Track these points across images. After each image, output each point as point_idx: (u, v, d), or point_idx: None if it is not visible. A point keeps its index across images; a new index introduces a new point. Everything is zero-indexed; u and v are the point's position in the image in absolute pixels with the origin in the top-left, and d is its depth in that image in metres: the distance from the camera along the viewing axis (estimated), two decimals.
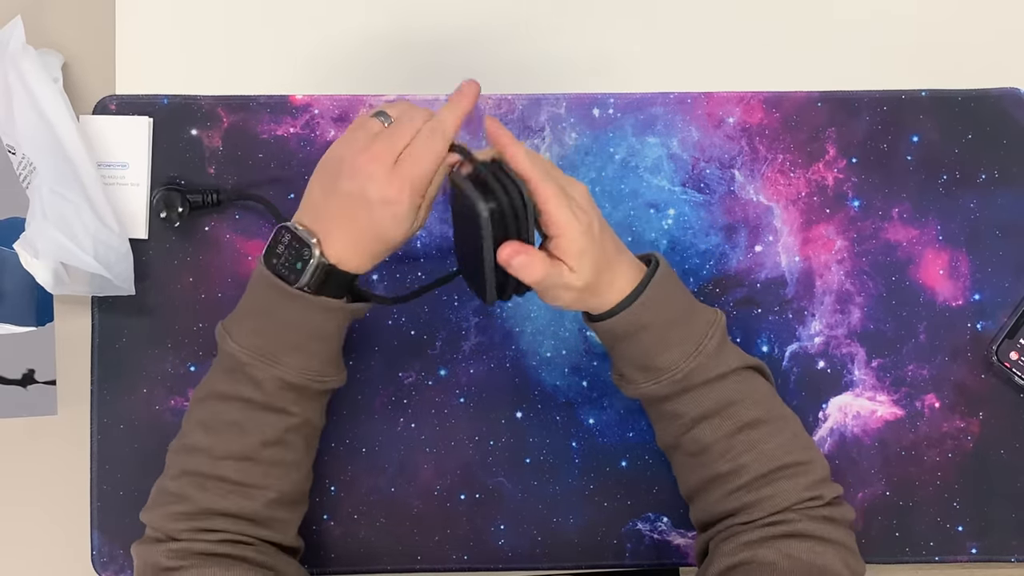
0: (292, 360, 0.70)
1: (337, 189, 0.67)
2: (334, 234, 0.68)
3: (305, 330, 0.70)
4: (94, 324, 0.85)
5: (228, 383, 0.71)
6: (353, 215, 0.67)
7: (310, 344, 0.70)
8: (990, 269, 0.85)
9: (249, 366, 0.70)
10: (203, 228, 0.85)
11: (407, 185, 0.66)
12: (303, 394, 0.72)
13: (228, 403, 0.71)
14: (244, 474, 0.71)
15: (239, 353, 0.70)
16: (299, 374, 0.70)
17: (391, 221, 0.67)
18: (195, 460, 0.71)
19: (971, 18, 0.88)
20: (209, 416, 0.72)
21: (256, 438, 0.71)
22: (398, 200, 0.66)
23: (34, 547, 0.86)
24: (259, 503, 0.71)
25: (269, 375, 0.70)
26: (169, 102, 0.86)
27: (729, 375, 0.72)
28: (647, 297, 0.70)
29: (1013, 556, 0.84)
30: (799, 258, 0.85)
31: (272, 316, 0.70)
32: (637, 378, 0.73)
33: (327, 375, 0.72)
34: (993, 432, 0.84)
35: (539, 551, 0.84)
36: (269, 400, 0.70)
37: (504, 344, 0.85)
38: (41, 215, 0.78)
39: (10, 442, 0.86)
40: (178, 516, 0.70)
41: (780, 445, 0.71)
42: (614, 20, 0.88)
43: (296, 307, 0.69)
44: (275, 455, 0.72)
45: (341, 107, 0.86)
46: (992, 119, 0.86)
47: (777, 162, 0.86)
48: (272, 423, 0.71)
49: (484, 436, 0.85)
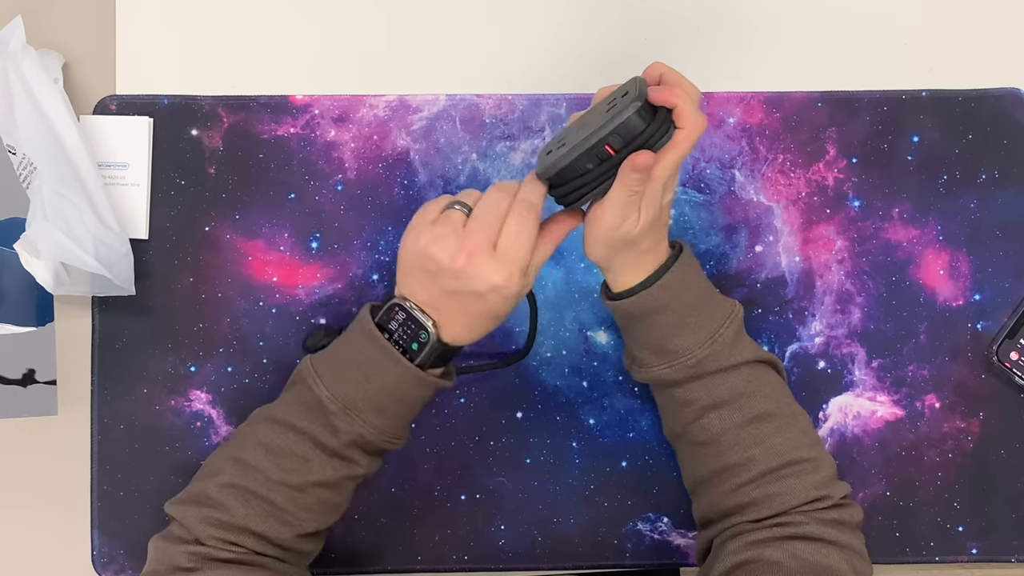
0: (375, 419, 0.71)
1: (442, 289, 0.68)
2: (449, 320, 0.69)
3: (397, 395, 0.71)
4: (94, 324, 0.85)
5: (305, 420, 0.71)
6: (465, 307, 0.68)
7: (396, 408, 0.72)
8: (990, 269, 0.85)
9: (333, 415, 0.70)
10: (203, 228, 0.85)
11: (514, 269, 0.67)
12: (372, 450, 0.73)
13: (300, 437, 0.71)
14: (292, 503, 0.71)
15: (327, 401, 0.71)
16: (378, 433, 0.71)
17: (504, 304, 0.68)
18: (249, 477, 0.71)
19: (971, 18, 0.88)
20: (275, 441, 0.71)
21: (317, 476, 0.71)
22: (507, 286, 0.67)
23: (34, 547, 0.86)
24: (293, 532, 0.71)
25: (349, 428, 0.71)
26: (169, 102, 0.86)
27: (742, 366, 0.72)
28: (668, 279, 0.71)
29: (1013, 556, 0.84)
30: (799, 258, 0.85)
31: (370, 375, 0.70)
32: (650, 361, 0.73)
33: (401, 437, 0.74)
34: (993, 432, 0.84)
35: (539, 551, 0.84)
36: (340, 449, 0.71)
37: (504, 344, 0.85)
38: (42, 215, 0.78)
39: (10, 442, 0.86)
40: (213, 522, 0.70)
41: (789, 440, 0.71)
42: (614, 20, 0.88)
43: (398, 374, 0.70)
44: (326, 495, 0.72)
45: (341, 107, 0.86)
46: (992, 119, 0.86)
47: (777, 162, 0.86)
48: (336, 468, 0.72)
49: (484, 436, 0.85)
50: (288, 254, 0.85)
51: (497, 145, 0.86)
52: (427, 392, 0.72)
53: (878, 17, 0.88)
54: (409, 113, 0.86)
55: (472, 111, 0.86)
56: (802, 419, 0.74)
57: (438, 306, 0.69)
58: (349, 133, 0.86)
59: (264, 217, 0.85)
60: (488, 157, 0.86)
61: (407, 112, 0.86)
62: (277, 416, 0.73)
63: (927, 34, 0.88)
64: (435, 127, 0.86)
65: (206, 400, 0.84)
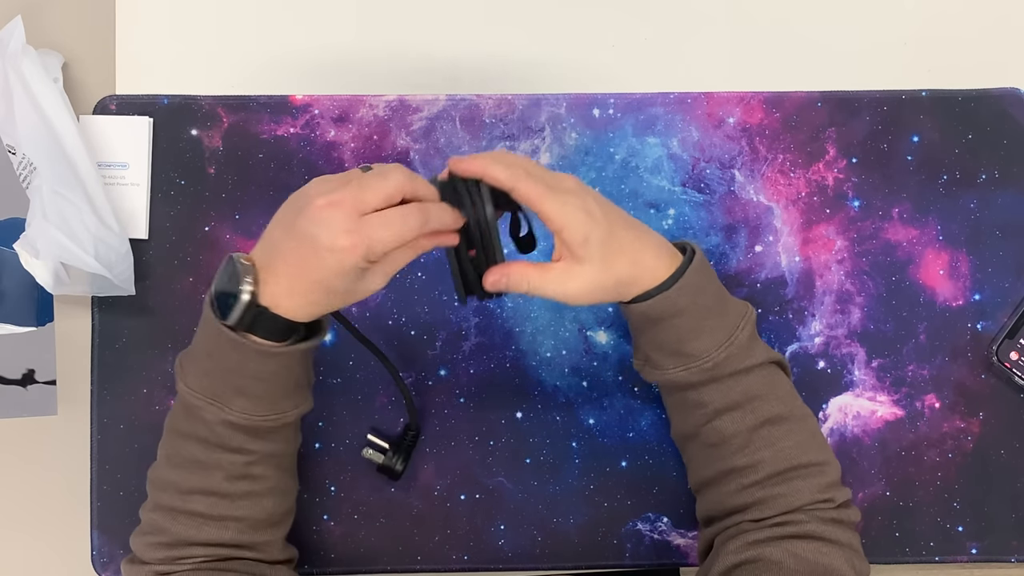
0: (239, 403, 0.68)
1: (293, 227, 0.64)
2: (278, 274, 0.65)
3: (246, 373, 0.67)
4: (94, 324, 0.85)
5: (184, 421, 0.70)
6: (300, 257, 0.64)
7: (254, 387, 0.68)
8: (990, 269, 0.85)
9: (198, 408, 0.68)
10: (203, 228, 0.85)
11: (363, 243, 0.63)
12: (256, 433, 0.70)
13: (186, 440, 0.70)
14: (214, 508, 0.70)
15: (188, 395, 0.69)
16: (247, 417, 0.68)
17: (334, 270, 0.64)
18: (165, 495, 0.71)
19: (971, 18, 0.88)
20: (172, 450, 0.71)
21: (218, 475, 0.70)
22: (347, 253, 0.63)
23: (34, 547, 0.86)
24: (234, 532, 0.70)
25: (217, 418, 0.68)
26: (169, 102, 0.86)
27: (756, 368, 0.72)
28: (685, 282, 0.69)
29: (1013, 556, 0.84)
30: (799, 258, 0.85)
31: (214, 357, 0.67)
32: (665, 363, 0.72)
33: (279, 412, 0.70)
34: (993, 432, 0.84)
35: (539, 551, 0.84)
36: (223, 441, 0.69)
37: (504, 344, 0.85)
38: (41, 215, 0.78)
39: (10, 442, 0.86)
40: (156, 546, 0.70)
41: (798, 443, 0.71)
42: (614, 20, 0.88)
43: (231, 348, 0.66)
44: (243, 487, 0.71)
45: (341, 107, 0.86)
46: (992, 119, 0.86)
47: (777, 162, 0.86)
48: (231, 460, 0.70)
49: (484, 436, 0.85)
50: None
51: (497, 145, 0.86)
52: (276, 365, 0.67)
53: (878, 17, 0.88)
54: (409, 113, 0.86)
55: (472, 111, 0.86)
56: (811, 421, 0.74)
57: (274, 258, 0.65)
58: (349, 133, 0.86)
59: (264, 217, 0.85)
60: None
61: (407, 112, 0.86)
62: (169, 424, 0.72)
63: (927, 34, 0.88)
64: (435, 127, 0.86)
65: None
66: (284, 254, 0.65)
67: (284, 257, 0.65)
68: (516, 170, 0.66)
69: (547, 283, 0.68)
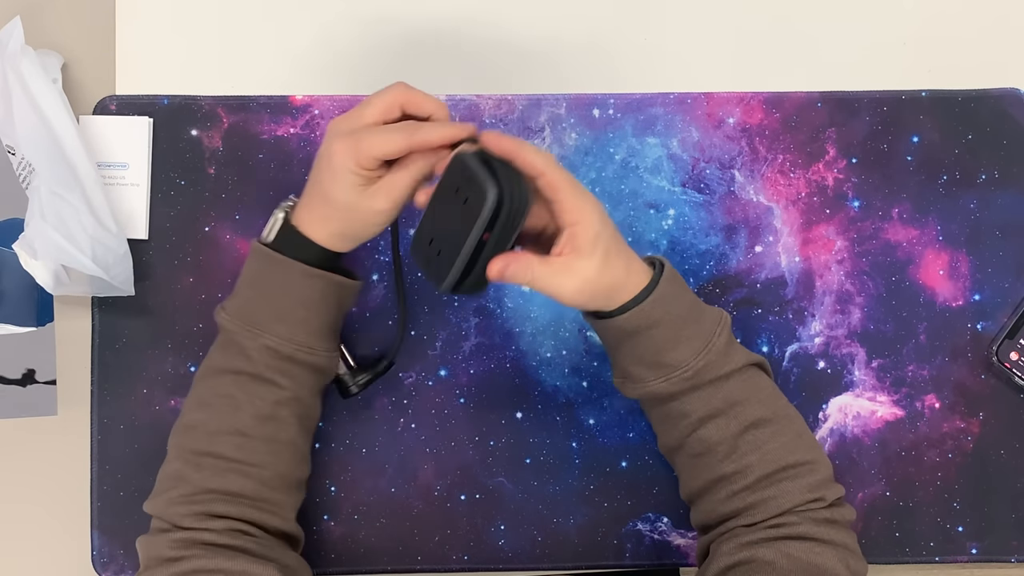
0: (278, 328, 0.72)
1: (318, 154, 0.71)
2: (303, 199, 0.72)
3: (290, 297, 0.72)
4: (94, 324, 0.85)
5: (221, 356, 0.73)
6: (314, 175, 0.71)
7: (296, 311, 0.72)
8: (990, 269, 0.85)
9: (238, 335, 0.72)
10: (203, 228, 0.85)
11: (352, 143, 0.67)
12: (292, 364, 0.73)
13: (222, 376, 0.73)
14: (239, 450, 0.71)
15: (228, 323, 0.73)
16: (285, 343, 0.72)
17: (327, 175, 0.69)
18: (191, 437, 0.72)
19: (971, 18, 0.88)
20: (205, 392, 0.73)
21: (248, 411, 0.72)
22: (338, 155, 0.68)
23: (34, 547, 0.86)
24: (256, 481, 0.72)
25: (256, 344, 0.72)
26: (169, 102, 0.86)
27: (735, 373, 0.72)
28: (659, 293, 0.70)
29: (1013, 556, 0.84)
30: (799, 258, 0.85)
31: (259, 284, 0.72)
32: (645, 376, 0.72)
33: (315, 347, 0.74)
34: (993, 432, 0.84)
35: (539, 551, 0.84)
36: (258, 371, 0.72)
37: (504, 344, 0.85)
38: (40, 216, 0.78)
39: (10, 442, 0.86)
40: (178, 500, 0.70)
41: (784, 445, 0.71)
42: (614, 20, 0.88)
43: (276, 271, 0.71)
44: (268, 431, 0.72)
45: (341, 107, 0.86)
46: (992, 119, 0.86)
47: (777, 162, 0.86)
48: (263, 395, 0.72)
49: (484, 436, 0.85)
50: None
51: None
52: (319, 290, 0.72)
53: (878, 17, 0.88)
54: None
55: (472, 111, 0.86)
56: (797, 421, 0.74)
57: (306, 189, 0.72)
58: None
59: (264, 217, 0.85)
60: None
61: None
62: (203, 369, 0.75)
63: (927, 34, 0.88)
64: None
65: None
66: (309, 183, 0.72)
67: (308, 185, 0.72)
68: (549, 157, 0.67)
69: (548, 275, 0.68)
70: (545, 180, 0.66)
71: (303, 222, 0.72)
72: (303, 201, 0.72)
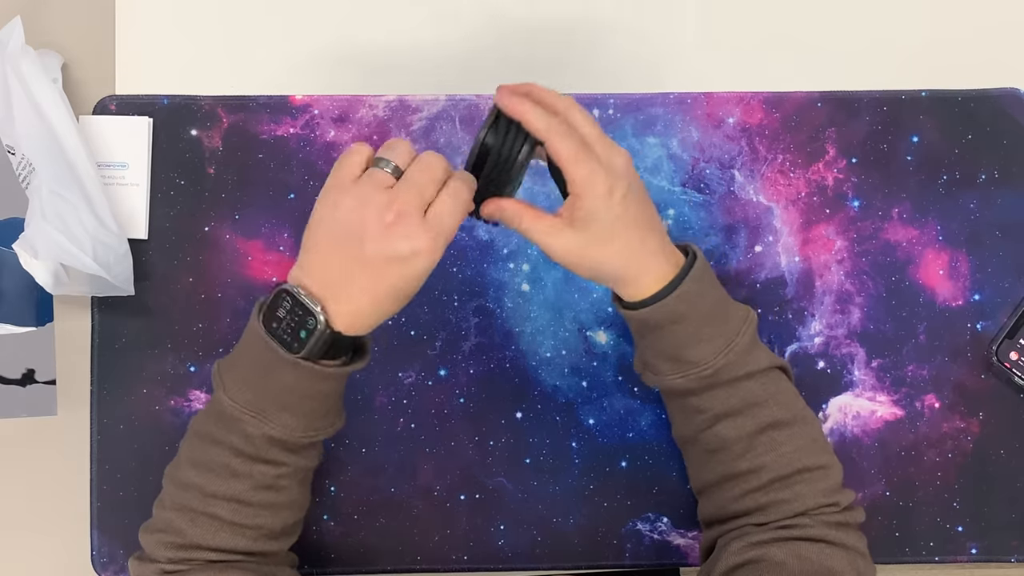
0: (283, 419, 0.68)
1: (356, 257, 0.64)
2: (348, 297, 0.65)
3: (299, 393, 0.68)
4: (94, 324, 0.85)
5: (219, 430, 0.70)
6: (379, 275, 0.64)
7: (302, 404, 0.68)
8: (990, 269, 0.85)
9: (239, 421, 0.68)
10: (203, 228, 0.85)
11: (441, 237, 0.64)
12: (294, 448, 0.70)
13: (219, 447, 0.70)
14: (235, 514, 0.70)
15: (230, 407, 0.68)
16: (289, 432, 0.69)
17: (419, 276, 0.64)
18: (187, 495, 0.70)
19: (971, 18, 0.88)
20: (200, 455, 0.71)
21: (247, 483, 0.70)
22: (431, 252, 0.64)
23: (34, 547, 0.86)
24: (249, 540, 0.70)
25: (259, 432, 0.68)
26: (169, 102, 0.86)
27: (756, 374, 0.71)
28: (684, 290, 0.68)
29: (1013, 556, 0.84)
30: (799, 258, 0.85)
31: (267, 376, 0.67)
32: (664, 369, 0.72)
33: (319, 428, 0.71)
34: (993, 432, 0.84)
35: (539, 551, 0.84)
36: (259, 453, 0.69)
37: (504, 344, 0.85)
38: (40, 216, 0.78)
39: (10, 442, 0.86)
40: (167, 545, 0.70)
41: (801, 448, 0.71)
42: (614, 20, 0.88)
43: (294, 374, 0.66)
44: (267, 498, 0.71)
45: (341, 107, 0.86)
46: (992, 119, 0.86)
47: (777, 162, 0.86)
48: (263, 471, 0.70)
49: (484, 436, 0.85)
50: (288, 254, 0.85)
51: None
52: (331, 384, 0.68)
53: (878, 17, 0.88)
54: (409, 113, 0.86)
55: (472, 111, 0.86)
56: (813, 425, 0.73)
57: (340, 283, 0.65)
58: (349, 133, 0.86)
59: (264, 217, 0.85)
60: None
61: (407, 112, 0.86)
62: (198, 429, 0.72)
63: (927, 34, 0.88)
64: (435, 127, 0.86)
65: (206, 400, 0.84)
66: (355, 278, 0.64)
67: (354, 281, 0.64)
68: (553, 123, 0.66)
69: (535, 231, 0.68)
70: (550, 147, 0.66)
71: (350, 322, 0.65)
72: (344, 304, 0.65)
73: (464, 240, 0.85)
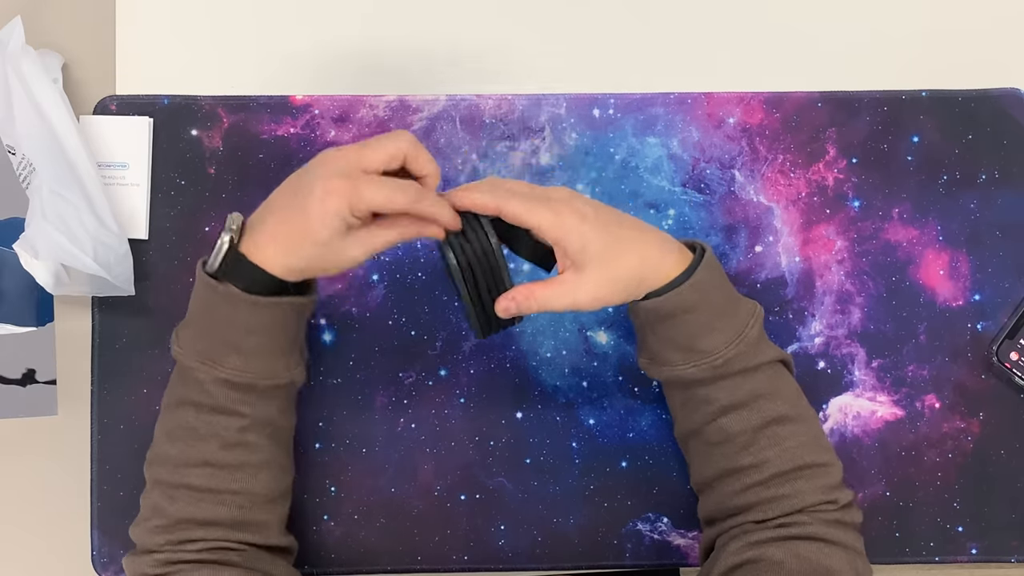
0: (233, 360, 0.69)
1: (296, 183, 0.67)
2: (265, 223, 0.67)
3: (240, 328, 0.68)
4: (94, 324, 0.85)
5: (180, 387, 0.71)
6: (291, 204, 0.67)
7: (247, 341, 0.69)
8: (990, 269, 0.85)
9: (192, 370, 0.70)
10: (203, 228, 0.85)
11: (352, 190, 0.65)
12: (250, 393, 0.71)
13: (183, 408, 0.71)
14: (210, 479, 0.70)
15: (181, 356, 0.70)
16: (241, 373, 0.69)
17: (318, 213, 0.65)
18: (163, 470, 0.71)
19: (971, 18, 0.88)
20: (169, 424, 0.72)
21: (214, 443, 0.70)
22: (335, 194, 0.64)
23: (34, 547, 0.86)
24: (232, 507, 0.71)
25: (211, 377, 0.69)
26: (169, 102, 0.86)
27: (763, 367, 0.72)
28: (697, 278, 0.70)
29: (1013, 556, 0.84)
30: (799, 258, 0.85)
31: (207, 315, 0.69)
32: (674, 359, 0.72)
33: (273, 374, 0.71)
34: (993, 432, 0.84)
35: (539, 551, 0.84)
36: (217, 403, 0.70)
37: (504, 344, 0.85)
38: (41, 216, 0.78)
39: (10, 442, 0.86)
40: (156, 530, 0.70)
41: (803, 444, 0.71)
42: (614, 20, 0.88)
43: (224, 302, 0.68)
44: (238, 457, 0.71)
45: (341, 107, 0.86)
46: (992, 119, 0.86)
47: (777, 162, 0.86)
48: (225, 425, 0.70)
49: (484, 436, 0.85)
50: None
51: (497, 145, 0.86)
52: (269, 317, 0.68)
53: (878, 17, 0.88)
54: (409, 113, 0.86)
55: (472, 111, 0.86)
56: (815, 422, 0.74)
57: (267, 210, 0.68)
58: (349, 133, 0.86)
59: None
60: (488, 157, 0.86)
61: (407, 112, 0.86)
62: (166, 400, 0.73)
63: (927, 34, 0.88)
64: (435, 127, 0.86)
65: None
66: (278, 207, 0.67)
67: (277, 209, 0.67)
68: (499, 191, 0.68)
69: (555, 297, 0.69)
70: (505, 214, 0.68)
71: (257, 249, 0.67)
72: (262, 226, 0.67)
73: None
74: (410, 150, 0.67)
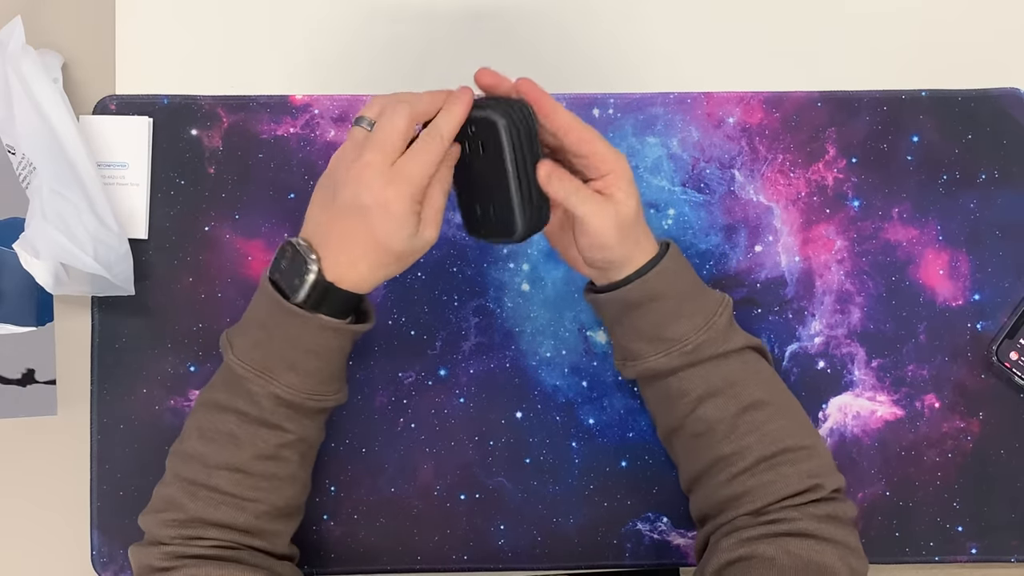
0: (288, 377, 0.70)
1: (335, 203, 0.67)
2: (335, 251, 0.67)
3: (302, 348, 0.69)
4: (94, 324, 0.85)
5: (226, 394, 0.71)
6: (350, 227, 0.66)
7: (307, 362, 0.70)
8: (990, 269, 0.85)
9: (246, 380, 0.70)
10: (203, 228, 0.85)
11: (404, 184, 0.65)
12: (298, 411, 0.71)
13: (225, 414, 0.71)
14: (236, 486, 0.70)
15: (236, 366, 0.70)
16: (295, 392, 0.70)
17: (388, 225, 0.66)
18: (189, 467, 0.71)
19: (971, 18, 0.88)
20: (206, 424, 0.72)
21: (249, 452, 0.70)
22: (395, 201, 0.65)
23: (34, 547, 0.86)
24: (250, 515, 0.71)
25: (265, 391, 0.70)
26: (169, 102, 0.86)
27: (734, 354, 0.73)
28: (663, 267, 0.71)
29: (1013, 556, 0.84)
30: (799, 258, 0.85)
31: (271, 331, 0.69)
32: (645, 351, 0.73)
33: (324, 394, 0.72)
34: (993, 432, 0.84)
35: (539, 551, 0.84)
36: (264, 416, 0.70)
37: (504, 344, 0.85)
38: (41, 215, 0.78)
39: (10, 442, 0.86)
40: (169, 523, 0.70)
41: (783, 427, 0.72)
42: (614, 20, 0.88)
43: (294, 324, 0.68)
44: (268, 469, 0.71)
45: (341, 107, 0.86)
46: (992, 119, 0.86)
47: (777, 162, 0.86)
48: (266, 438, 0.71)
49: (484, 436, 0.85)
50: None
51: None
52: (336, 341, 0.70)
53: (878, 17, 0.88)
54: None
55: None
56: (795, 407, 0.74)
57: (326, 235, 0.67)
58: None
59: (264, 217, 0.85)
60: None
61: None
62: (205, 398, 0.73)
63: (927, 34, 0.88)
64: None
65: None
66: (334, 231, 0.67)
67: (335, 234, 0.67)
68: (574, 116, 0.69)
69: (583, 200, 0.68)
70: (576, 135, 0.68)
71: (340, 276, 0.67)
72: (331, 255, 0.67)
73: (464, 239, 0.85)
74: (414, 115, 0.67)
